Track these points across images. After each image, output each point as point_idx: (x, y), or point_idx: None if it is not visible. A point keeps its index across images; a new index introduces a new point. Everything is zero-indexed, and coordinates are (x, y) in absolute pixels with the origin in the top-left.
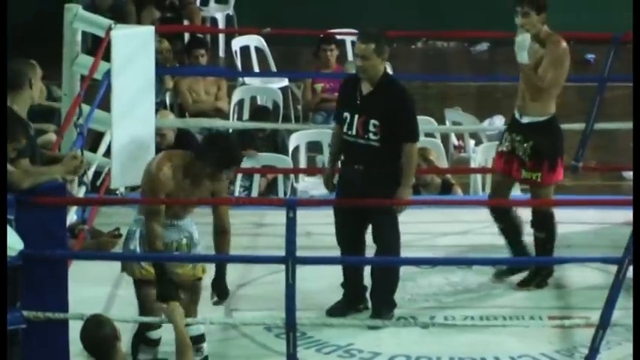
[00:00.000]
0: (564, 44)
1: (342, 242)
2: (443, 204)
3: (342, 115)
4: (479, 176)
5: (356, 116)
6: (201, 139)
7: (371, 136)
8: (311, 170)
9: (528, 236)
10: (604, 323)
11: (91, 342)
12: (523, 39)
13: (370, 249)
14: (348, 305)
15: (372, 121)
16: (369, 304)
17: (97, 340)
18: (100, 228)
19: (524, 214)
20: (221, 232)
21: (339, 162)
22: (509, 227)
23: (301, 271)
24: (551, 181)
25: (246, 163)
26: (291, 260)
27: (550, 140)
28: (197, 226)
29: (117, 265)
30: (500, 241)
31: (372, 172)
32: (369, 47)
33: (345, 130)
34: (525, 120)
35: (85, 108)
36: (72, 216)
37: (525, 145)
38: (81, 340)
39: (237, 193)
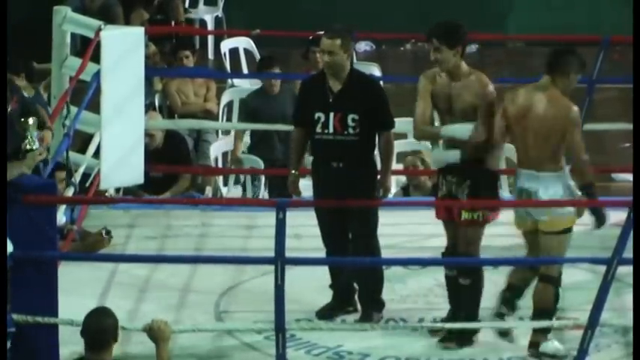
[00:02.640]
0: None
1: (328, 243)
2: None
3: (314, 117)
4: None
5: (331, 114)
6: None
7: (350, 131)
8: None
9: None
10: (592, 324)
11: (96, 328)
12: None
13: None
14: (336, 307)
15: (351, 116)
16: (358, 306)
17: (101, 327)
18: (89, 230)
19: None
20: None
21: (311, 163)
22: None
23: (291, 273)
24: (491, 219)
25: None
26: (280, 261)
27: (487, 177)
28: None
29: (105, 267)
30: (487, 242)
31: (352, 167)
32: (335, 42)
33: (318, 130)
34: (461, 158)
35: (74, 109)
36: (61, 217)
37: (463, 185)
38: (84, 325)
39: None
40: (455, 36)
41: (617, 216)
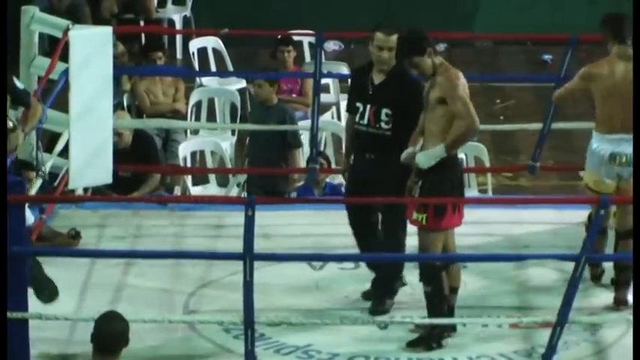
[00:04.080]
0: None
1: (354, 232)
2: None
3: (355, 105)
4: None
5: (368, 106)
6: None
7: (382, 125)
8: (269, 171)
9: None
10: (561, 321)
11: (107, 333)
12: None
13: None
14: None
15: (385, 110)
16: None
17: (113, 332)
18: (58, 230)
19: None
20: None
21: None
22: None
23: (260, 273)
24: (436, 227)
25: None
26: (248, 257)
27: (439, 181)
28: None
29: (75, 267)
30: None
31: (382, 160)
32: (394, 38)
33: (357, 119)
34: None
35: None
36: (29, 216)
37: (417, 184)
38: (95, 329)
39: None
40: (419, 45)
41: (584, 214)
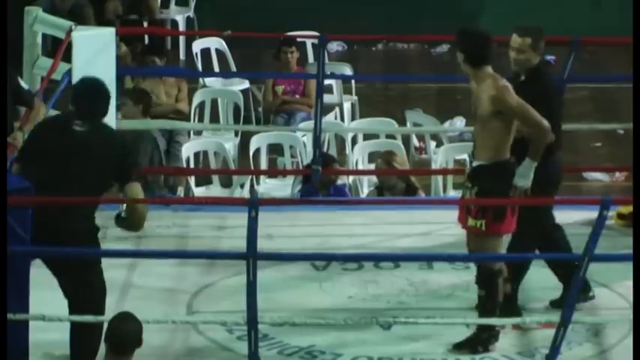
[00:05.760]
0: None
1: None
2: (406, 204)
3: None
4: (440, 177)
5: None
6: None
7: (518, 126)
8: (272, 172)
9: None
10: (564, 322)
11: (120, 334)
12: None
13: None
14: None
15: None
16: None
17: (127, 333)
18: None
19: None
20: None
21: None
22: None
23: (264, 274)
24: (496, 232)
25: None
26: (252, 257)
27: (495, 186)
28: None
29: None
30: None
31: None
32: (526, 41)
33: None
34: (474, 164)
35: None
36: None
37: (472, 190)
38: (109, 329)
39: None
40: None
41: (587, 215)
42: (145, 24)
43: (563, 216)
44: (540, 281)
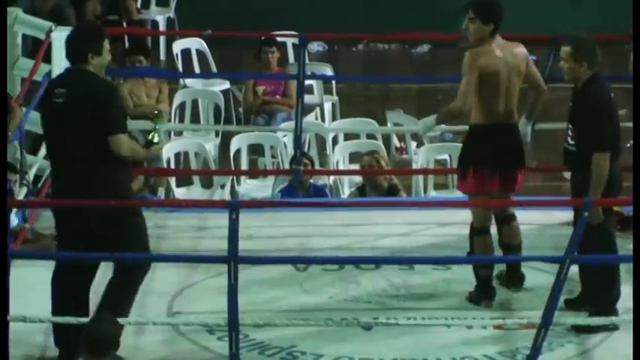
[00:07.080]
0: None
1: None
2: (389, 205)
3: None
4: (420, 178)
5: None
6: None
7: (569, 140)
8: (253, 172)
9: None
10: (546, 323)
11: (97, 335)
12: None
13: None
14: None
15: (570, 126)
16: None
17: (104, 335)
18: (42, 232)
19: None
20: None
21: None
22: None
23: (245, 274)
24: (460, 188)
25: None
26: (233, 260)
27: (465, 147)
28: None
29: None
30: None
31: (573, 177)
32: (566, 49)
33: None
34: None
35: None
36: (13, 218)
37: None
38: (86, 330)
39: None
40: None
41: (569, 215)
42: (125, 24)
43: (546, 217)
44: (525, 283)
